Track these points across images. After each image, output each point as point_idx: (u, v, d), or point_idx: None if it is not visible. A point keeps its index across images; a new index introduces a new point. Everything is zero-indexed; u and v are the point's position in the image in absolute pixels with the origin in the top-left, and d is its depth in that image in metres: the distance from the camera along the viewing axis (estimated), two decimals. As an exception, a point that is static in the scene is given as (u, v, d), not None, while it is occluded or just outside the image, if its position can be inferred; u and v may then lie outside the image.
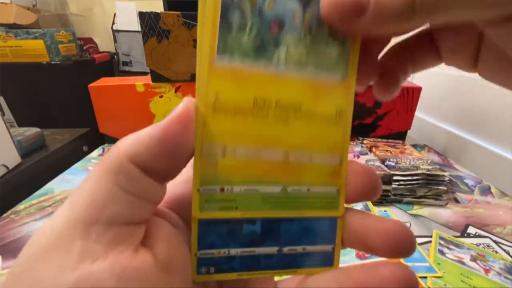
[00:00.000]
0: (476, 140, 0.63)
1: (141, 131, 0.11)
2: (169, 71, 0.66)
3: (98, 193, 0.10)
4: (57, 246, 0.10)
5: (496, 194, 0.52)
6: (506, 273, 0.34)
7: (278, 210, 0.13)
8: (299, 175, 0.13)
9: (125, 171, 0.10)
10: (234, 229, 0.13)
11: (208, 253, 0.12)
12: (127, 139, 0.11)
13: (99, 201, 0.10)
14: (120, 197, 0.10)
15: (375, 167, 0.49)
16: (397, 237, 0.12)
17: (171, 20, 0.62)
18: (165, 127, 0.11)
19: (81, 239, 0.10)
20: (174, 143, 0.11)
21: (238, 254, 0.13)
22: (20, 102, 1.20)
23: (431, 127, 0.77)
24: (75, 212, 0.10)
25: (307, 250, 0.13)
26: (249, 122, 0.12)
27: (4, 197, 0.49)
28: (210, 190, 0.12)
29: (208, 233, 0.12)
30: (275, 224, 0.13)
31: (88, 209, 0.10)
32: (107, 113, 0.68)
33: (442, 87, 0.78)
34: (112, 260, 0.10)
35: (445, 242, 0.39)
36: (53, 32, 1.23)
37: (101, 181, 0.10)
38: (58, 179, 0.56)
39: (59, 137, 0.75)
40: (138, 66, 1.63)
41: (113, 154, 0.11)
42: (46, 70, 1.25)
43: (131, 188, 0.10)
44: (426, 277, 0.33)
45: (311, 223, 0.13)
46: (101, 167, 0.11)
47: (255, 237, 0.13)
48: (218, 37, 0.11)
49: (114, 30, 1.59)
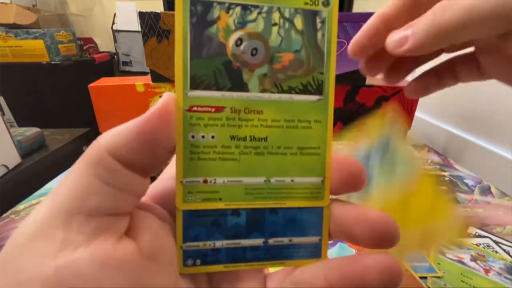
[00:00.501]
0: (476, 140, 0.63)
1: (121, 125, 0.11)
2: (169, 71, 0.66)
3: (79, 186, 0.10)
4: (38, 236, 0.10)
5: (496, 194, 0.52)
6: (506, 273, 0.34)
7: (261, 200, 0.13)
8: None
9: (105, 164, 0.11)
10: (219, 221, 0.13)
11: (193, 245, 0.12)
12: (108, 133, 0.11)
13: (80, 193, 0.10)
14: (101, 189, 0.10)
15: (375, 167, 0.49)
16: (381, 227, 0.12)
17: (171, 20, 0.62)
18: (144, 121, 0.11)
19: (63, 229, 0.10)
20: (153, 137, 0.11)
21: (223, 246, 0.13)
22: (20, 102, 1.20)
23: (431, 127, 0.77)
24: (57, 203, 0.10)
25: (294, 242, 0.13)
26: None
27: (4, 197, 0.49)
28: (193, 182, 0.12)
29: (192, 225, 0.12)
30: (260, 216, 0.13)
31: (70, 201, 0.10)
32: (107, 113, 0.68)
33: (442, 87, 0.78)
34: (94, 248, 0.10)
35: (445, 242, 0.39)
36: (53, 32, 1.23)
37: (82, 173, 0.11)
38: (58, 179, 0.56)
39: (59, 137, 0.75)
40: (138, 66, 1.63)
41: (94, 147, 0.11)
42: (46, 70, 1.25)
43: (112, 180, 0.11)
44: (426, 277, 0.33)
45: (297, 214, 0.13)
46: (82, 160, 0.11)
47: (240, 229, 0.13)
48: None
49: (114, 30, 1.59)
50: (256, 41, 0.12)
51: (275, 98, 0.12)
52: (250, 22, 0.12)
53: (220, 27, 0.12)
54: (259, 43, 0.12)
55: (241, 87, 0.12)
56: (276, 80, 0.12)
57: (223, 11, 0.12)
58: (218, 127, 0.12)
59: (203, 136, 0.12)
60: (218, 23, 0.12)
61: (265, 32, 0.12)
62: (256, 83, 0.12)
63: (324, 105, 0.13)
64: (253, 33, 0.12)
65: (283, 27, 0.12)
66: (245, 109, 0.12)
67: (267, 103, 0.12)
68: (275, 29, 0.12)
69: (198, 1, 0.11)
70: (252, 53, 0.12)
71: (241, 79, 0.12)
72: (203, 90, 0.12)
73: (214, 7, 0.12)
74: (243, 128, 0.12)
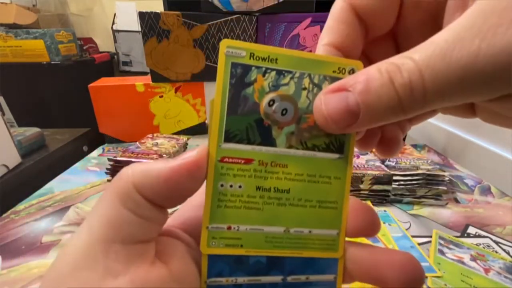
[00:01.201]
0: (476, 140, 0.63)
1: (152, 163, 0.12)
2: (169, 71, 0.66)
3: (112, 216, 0.11)
4: (83, 266, 0.11)
5: (496, 194, 0.52)
6: (506, 273, 0.34)
7: (280, 249, 0.14)
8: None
9: (132, 198, 0.12)
10: (241, 259, 0.13)
11: (217, 281, 0.13)
12: (138, 168, 0.12)
13: (114, 223, 0.11)
14: (131, 219, 0.12)
15: (375, 167, 0.49)
16: (410, 269, 0.12)
17: (171, 20, 0.62)
18: (174, 170, 0.12)
19: (103, 258, 0.11)
20: (178, 187, 0.12)
21: (245, 282, 0.14)
22: (20, 102, 1.20)
23: (431, 127, 0.77)
24: (95, 233, 0.11)
25: (310, 280, 0.14)
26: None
27: (4, 197, 0.49)
28: (218, 228, 0.13)
29: (217, 262, 0.13)
30: (280, 256, 0.14)
31: (106, 230, 0.11)
32: (107, 113, 0.68)
33: (442, 87, 0.78)
34: (132, 275, 0.11)
35: (444, 242, 0.39)
36: (53, 32, 1.23)
37: (113, 204, 0.12)
38: (58, 179, 0.56)
39: (59, 137, 0.75)
40: (138, 66, 1.63)
41: (123, 180, 0.12)
42: (46, 70, 1.25)
43: (138, 212, 0.12)
44: (426, 277, 0.33)
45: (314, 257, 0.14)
46: (112, 191, 0.12)
47: (261, 267, 0.14)
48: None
49: (114, 30, 1.58)
50: (287, 103, 0.13)
51: (300, 154, 0.14)
52: (283, 86, 0.13)
53: (256, 88, 0.13)
54: (289, 105, 0.13)
55: (270, 142, 0.13)
56: (302, 138, 0.14)
57: (260, 74, 0.13)
58: (246, 177, 0.13)
59: (231, 185, 0.13)
60: (255, 85, 0.13)
61: (295, 95, 0.13)
62: (284, 140, 0.13)
63: (344, 163, 0.14)
64: (284, 95, 0.13)
65: (312, 92, 0.13)
66: (272, 162, 0.13)
67: (292, 158, 0.13)
68: (304, 93, 0.13)
69: (239, 64, 0.13)
70: (282, 113, 0.13)
71: (271, 135, 0.13)
72: (235, 143, 0.13)
73: (252, 71, 0.13)
74: (268, 179, 0.13)
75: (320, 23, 0.61)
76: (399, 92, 0.11)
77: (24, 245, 0.39)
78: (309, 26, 0.61)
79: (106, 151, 0.67)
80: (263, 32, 0.64)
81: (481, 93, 0.10)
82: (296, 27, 0.62)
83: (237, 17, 0.63)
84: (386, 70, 0.11)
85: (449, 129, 0.71)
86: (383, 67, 0.11)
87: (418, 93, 0.10)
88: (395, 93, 0.11)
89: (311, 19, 0.60)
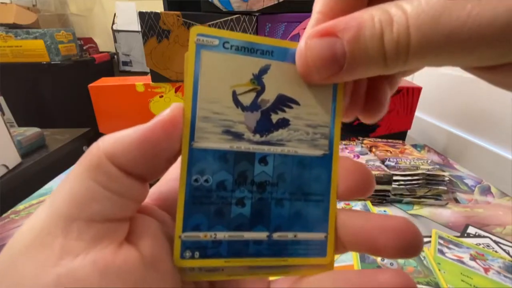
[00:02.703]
0: (476, 140, 0.63)
1: (123, 130, 0.11)
2: (169, 71, 0.66)
3: (78, 191, 0.10)
4: (38, 243, 0.10)
5: (496, 194, 0.52)
6: (505, 272, 0.34)
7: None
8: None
9: (104, 170, 0.10)
10: (222, 210, 0.12)
11: (193, 235, 0.12)
12: (108, 138, 0.11)
13: (79, 198, 0.10)
14: (100, 194, 0.10)
15: (375, 167, 0.49)
16: (406, 234, 0.12)
17: (171, 20, 0.62)
18: (147, 131, 0.11)
19: (62, 236, 0.10)
20: (154, 149, 0.11)
21: (225, 238, 0.12)
22: (20, 102, 1.20)
23: (431, 127, 0.77)
24: (56, 209, 0.10)
25: (299, 238, 0.13)
26: None
27: (4, 197, 0.49)
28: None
29: (194, 213, 0.12)
30: (266, 207, 0.13)
31: (68, 206, 0.10)
32: (107, 113, 0.68)
33: (442, 87, 0.78)
34: (94, 256, 0.10)
35: (444, 241, 0.39)
36: (53, 32, 1.23)
37: (81, 178, 0.10)
38: (58, 179, 0.56)
39: (59, 137, 0.75)
40: (138, 66, 1.63)
41: (93, 151, 0.11)
42: (46, 70, 1.25)
43: (111, 186, 0.10)
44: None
45: (304, 207, 0.13)
46: (81, 164, 0.11)
47: (244, 220, 0.12)
48: None
49: (114, 30, 1.59)
50: None
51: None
52: None
53: None
54: None
55: None
56: None
57: None
58: None
59: None
60: None
61: None
62: None
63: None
64: None
65: None
66: None
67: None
68: None
69: None
70: None
71: None
72: None
73: None
74: None
75: (320, 23, 0.61)
76: (386, 47, 0.10)
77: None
78: (309, 26, 0.61)
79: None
80: (263, 32, 0.64)
81: (464, 59, 0.10)
82: (296, 27, 0.62)
83: (237, 17, 0.63)
84: (379, 20, 0.10)
85: (449, 129, 0.71)
86: (376, 16, 0.10)
87: (402, 49, 0.10)
88: (382, 48, 0.10)
89: (311, 19, 0.60)
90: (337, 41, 0.11)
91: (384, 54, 0.10)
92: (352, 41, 0.10)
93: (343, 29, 0.10)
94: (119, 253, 0.10)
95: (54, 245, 0.09)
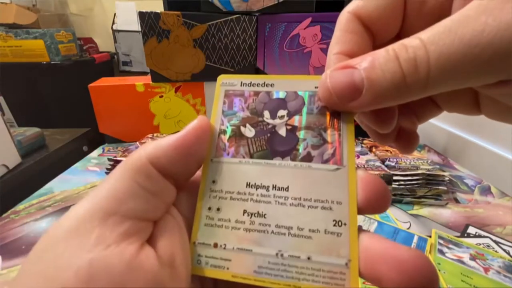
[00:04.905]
0: (476, 140, 0.63)
1: (161, 139, 0.13)
2: (169, 71, 0.66)
3: (118, 188, 0.12)
4: (77, 230, 0.11)
5: (496, 194, 0.52)
6: (505, 271, 0.34)
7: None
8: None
9: (145, 171, 0.12)
10: None
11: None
12: (149, 145, 0.13)
13: (119, 195, 0.11)
14: (138, 193, 0.12)
15: (375, 167, 0.49)
16: (412, 268, 0.10)
17: (171, 20, 0.62)
18: (181, 136, 0.13)
19: (99, 226, 0.11)
20: (188, 150, 0.13)
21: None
22: (20, 102, 1.20)
23: (431, 127, 0.77)
24: (96, 203, 0.11)
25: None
26: None
27: (4, 197, 0.49)
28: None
29: None
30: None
31: (108, 201, 0.11)
32: (107, 113, 0.68)
33: (442, 87, 0.78)
34: (122, 248, 0.11)
35: (444, 241, 0.39)
36: (53, 32, 1.23)
37: (123, 178, 0.12)
38: (58, 179, 0.56)
39: (59, 137, 0.75)
40: (138, 66, 1.63)
41: (136, 155, 0.12)
42: (46, 70, 1.25)
43: (149, 186, 0.12)
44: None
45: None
46: (124, 166, 0.12)
47: None
48: None
49: (114, 30, 1.59)
50: None
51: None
52: None
53: None
54: None
55: None
56: None
57: None
58: None
59: None
60: None
61: None
62: None
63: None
64: None
65: None
66: None
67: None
68: None
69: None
70: None
71: None
72: None
73: None
74: None
75: (320, 23, 0.61)
76: (403, 67, 0.11)
77: (24, 245, 0.39)
78: (309, 26, 0.61)
79: (106, 151, 0.67)
80: (263, 32, 0.64)
81: (484, 73, 0.10)
82: (296, 27, 0.62)
83: (237, 17, 0.63)
84: (392, 48, 0.11)
85: (449, 129, 0.71)
86: (390, 47, 0.11)
87: (422, 69, 0.10)
88: (399, 68, 0.11)
89: (311, 19, 0.60)
90: (355, 70, 0.12)
91: (402, 74, 0.11)
92: (368, 68, 0.11)
93: (360, 62, 0.12)
94: (141, 251, 0.11)
95: (91, 233, 0.11)
